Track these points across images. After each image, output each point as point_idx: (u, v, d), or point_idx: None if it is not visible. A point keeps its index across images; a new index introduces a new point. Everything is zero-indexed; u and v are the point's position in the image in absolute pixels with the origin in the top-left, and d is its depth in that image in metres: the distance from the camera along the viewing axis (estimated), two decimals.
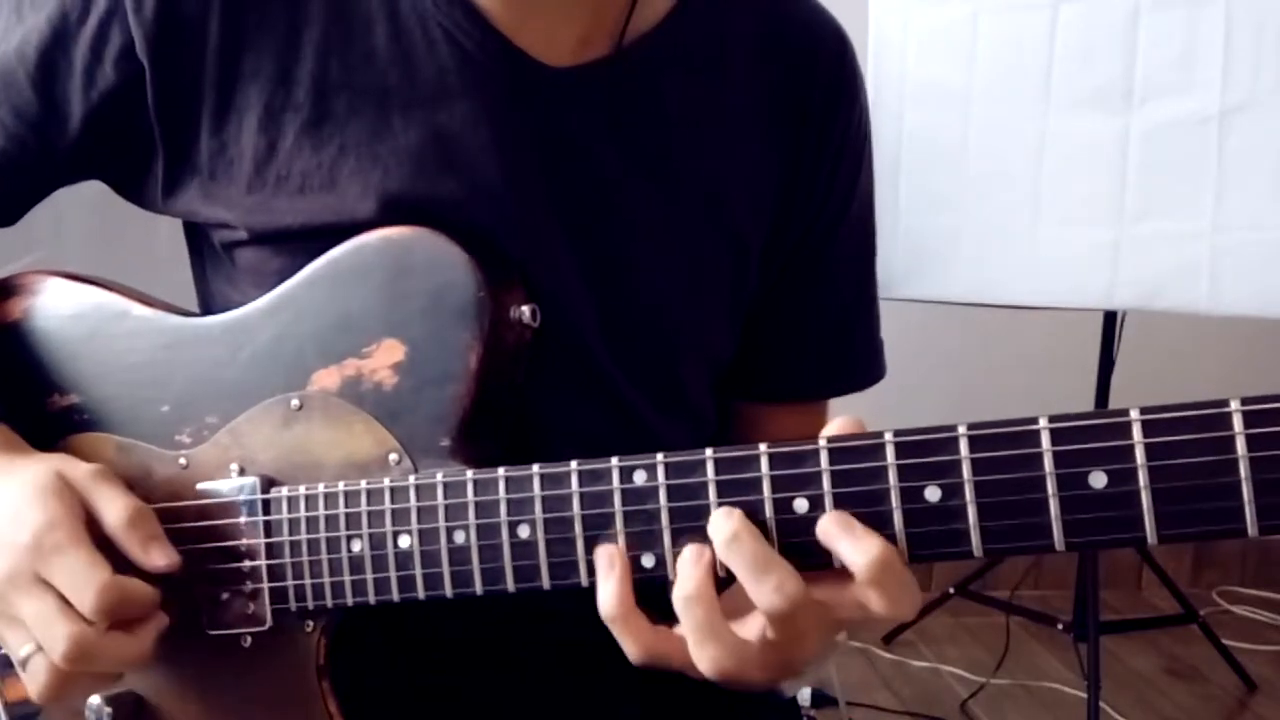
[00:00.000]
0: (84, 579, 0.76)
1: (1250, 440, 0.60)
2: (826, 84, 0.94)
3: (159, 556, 0.80)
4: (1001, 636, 2.64)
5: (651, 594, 0.72)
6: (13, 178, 0.92)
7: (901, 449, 0.66)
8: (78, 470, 0.81)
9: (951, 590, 2.67)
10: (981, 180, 2.27)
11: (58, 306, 0.91)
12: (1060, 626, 2.47)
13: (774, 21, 0.93)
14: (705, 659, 0.70)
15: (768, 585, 0.67)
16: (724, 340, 0.95)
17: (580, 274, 0.87)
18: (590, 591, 0.74)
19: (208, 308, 0.96)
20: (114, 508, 0.80)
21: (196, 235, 0.95)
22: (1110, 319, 2.47)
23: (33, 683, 0.79)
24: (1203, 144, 2.11)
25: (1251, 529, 0.60)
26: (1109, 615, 2.71)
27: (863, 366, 1.01)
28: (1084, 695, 2.37)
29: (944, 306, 2.34)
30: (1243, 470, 0.60)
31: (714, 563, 0.69)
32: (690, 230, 0.90)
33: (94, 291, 0.91)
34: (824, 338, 0.98)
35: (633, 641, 0.72)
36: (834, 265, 0.97)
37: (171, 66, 0.86)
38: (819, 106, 0.93)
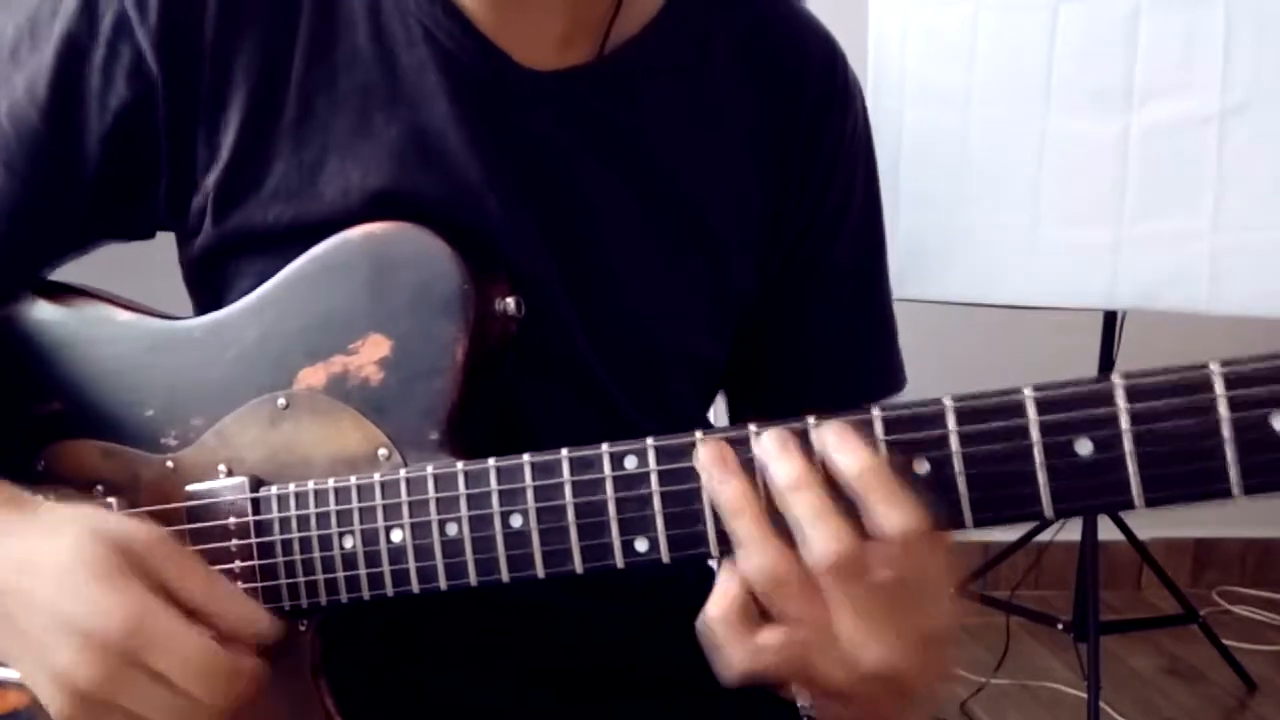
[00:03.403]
0: (209, 668, 0.70)
1: (1232, 402, 0.60)
2: (815, 94, 0.93)
3: (257, 622, 0.74)
4: (1001, 636, 2.64)
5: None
6: (32, 229, 0.90)
7: (890, 425, 0.66)
8: (136, 537, 0.73)
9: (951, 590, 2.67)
10: (981, 180, 2.27)
11: (37, 313, 0.91)
12: (1060, 626, 2.46)
13: (760, 30, 0.92)
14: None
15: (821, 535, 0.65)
16: (709, 347, 0.94)
17: (560, 274, 0.86)
18: (585, 582, 0.74)
19: (200, 311, 0.95)
20: (195, 581, 0.73)
21: (187, 238, 0.95)
22: (1110, 319, 2.47)
23: None
24: (1203, 144, 2.10)
25: (1236, 490, 0.61)
26: (1109, 615, 2.70)
27: (874, 379, 0.99)
28: (1084, 695, 2.37)
29: (944, 306, 2.34)
30: (1226, 432, 0.60)
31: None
32: (666, 237, 0.89)
33: (74, 297, 0.91)
34: (829, 350, 0.97)
35: (738, 647, 0.68)
36: (833, 277, 0.96)
37: (177, 72, 0.85)
38: (807, 116, 0.92)
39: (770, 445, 0.67)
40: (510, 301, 0.82)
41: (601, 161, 0.87)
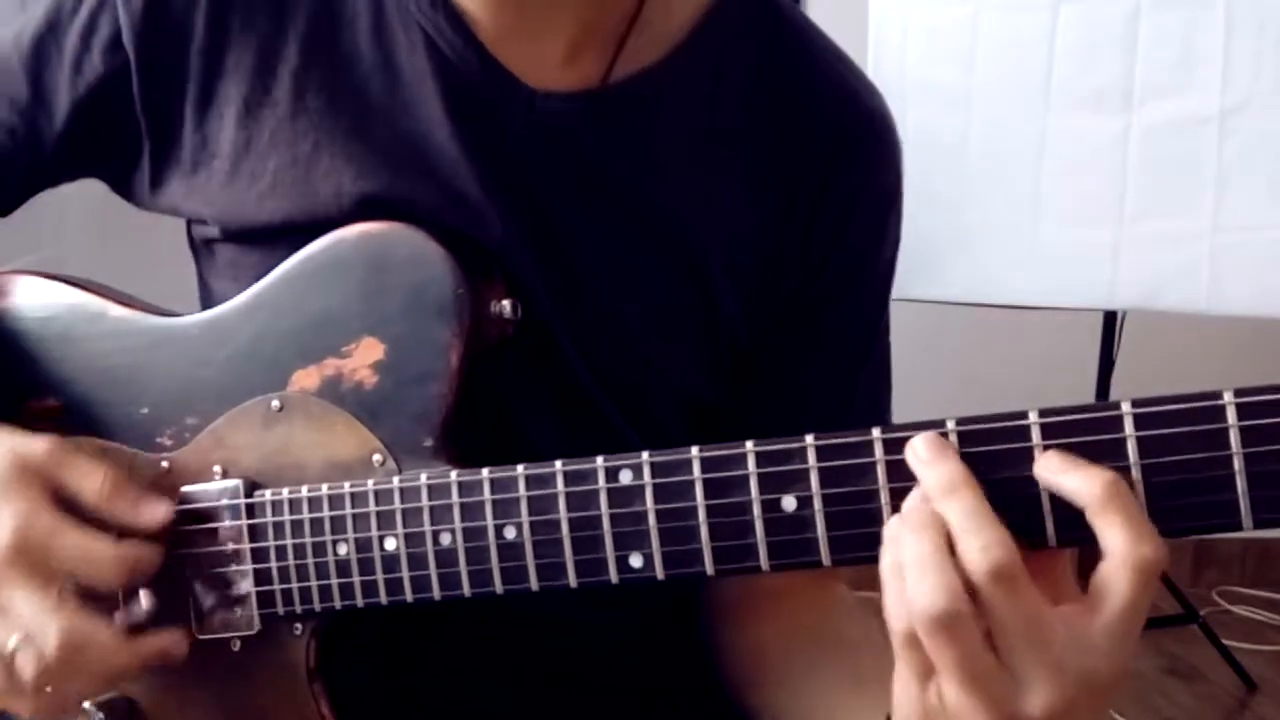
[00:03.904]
0: (94, 556, 0.76)
1: (1244, 432, 0.59)
2: (826, 146, 0.89)
3: (153, 512, 0.79)
4: None
5: None
6: (2, 169, 0.92)
7: (890, 445, 0.65)
8: (31, 449, 0.79)
9: None
10: (981, 180, 2.27)
11: (33, 308, 0.90)
12: None
13: (777, 75, 0.89)
14: (975, 547, 0.60)
15: (975, 544, 0.60)
16: (700, 382, 0.91)
17: (548, 288, 0.85)
18: (582, 594, 0.73)
19: (205, 297, 0.95)
20: (90, 481, 0.78)
21: (188, 224, 0.95)
22: (1110, 319, 2.47)
23: (21, 675, 0.76)
24: (1202, 144, 2.11)
25: (1246, 522, 0.60)
26: None
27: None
28: None
29: (944, 306, 2.34)
30: (1237, 464, 0.59)
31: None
32: (655, 266, 0.87)
33: (70, 292, 0.90)
34: (822, 403, 0.93)
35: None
36: (833, 333, 0.92)
37: (157, 57, 0.86)
38: (815, 169, 0.88)
39: (923, 450, 0.64)
40: (506, 304, 0.80)
41: (595, 187, 0.85)
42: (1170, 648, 2.74)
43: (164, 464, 0.85)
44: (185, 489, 0.84)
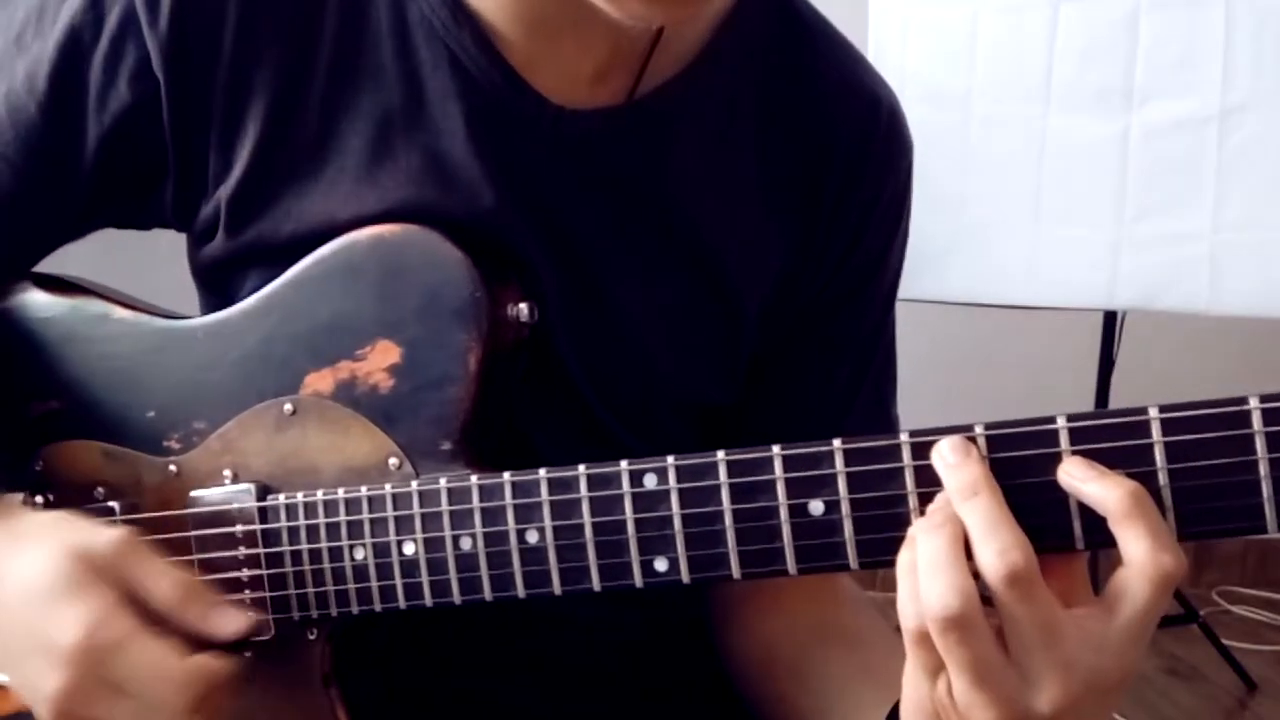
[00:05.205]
0: (163, 673, 0.70)
1: (1270, 437, 0.59)
2: (845, 163, 0.89)
3: (229, 623, 0.74)
4: None
5: None
6: (25, 221, 0.88)
7: (917, 450, 0.65)
8: (101, 545, 0.73)
9: None
10: (981, 180, 2.26)
11: (34, 309, 0.89)
12: None
13: (797, 87, 0.88)
14: (991, 551, 0.61)
15: (992, 547, 0.61)
16: (712, 390, 0.91)
17: (568, 301, 0.84)
18: (605, 597, 0.73)
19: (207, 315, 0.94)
20: (162, 585, 0.73)
21: (196, 243, 0.93)
22: (1110, 319, 2.47)
23: None
24: (1203, 144, 2.11)
25: (1272, 526, 0.60)
26: None
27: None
28: None
29: (944, 306, 2.33)
30: (1263, 469, 0.59)
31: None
32: (677, 282, 0.87)
33: (71, 293, 0.89)
34: (828, 403, 0.93)
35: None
36: (842, 334, 0.93)
37: (186, 78, 0.82)
38: (835, 185, 0.89)
39: (949, 453, 0.64)
40: (523, 307, 0.80)
41: (619, 205, 0.85)
42: (1170, 648, 2.74)
43: (172, 468, 0.84)
44: (195, 493, 0.83)
